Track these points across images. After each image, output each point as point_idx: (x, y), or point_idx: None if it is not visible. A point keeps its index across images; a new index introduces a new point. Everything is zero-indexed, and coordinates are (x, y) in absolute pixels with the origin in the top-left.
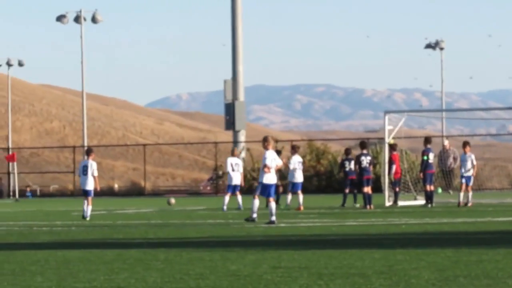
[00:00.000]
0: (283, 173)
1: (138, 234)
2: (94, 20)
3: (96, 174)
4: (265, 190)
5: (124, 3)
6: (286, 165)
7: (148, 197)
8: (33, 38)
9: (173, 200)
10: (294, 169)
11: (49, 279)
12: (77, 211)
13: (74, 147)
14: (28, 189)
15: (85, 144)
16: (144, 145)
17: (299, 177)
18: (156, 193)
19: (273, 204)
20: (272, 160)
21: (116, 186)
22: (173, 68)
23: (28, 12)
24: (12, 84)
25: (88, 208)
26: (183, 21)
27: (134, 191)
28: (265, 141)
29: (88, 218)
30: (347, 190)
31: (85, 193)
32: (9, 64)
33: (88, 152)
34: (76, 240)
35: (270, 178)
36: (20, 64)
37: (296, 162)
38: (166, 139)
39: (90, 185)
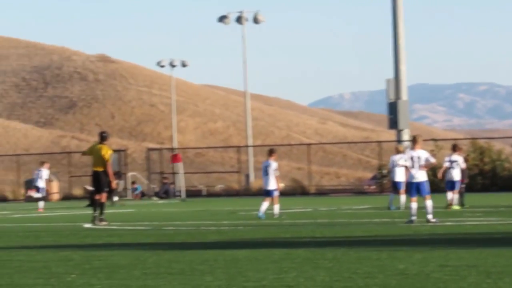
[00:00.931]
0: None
1: (305, 233)
2: (255, 20)
3: (276, 174)
4: (416, 188)
5: (285, 3)
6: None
7: (312, 197)
8: (196, 39)
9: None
10: (448, 168)
11: (218, 279)
12: (244, 210)
13: (238, 147)
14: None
15: (249, 144)
16: (308, 144)
17: (453, 176)
18: (321, 192)
19: (428, 202)
20: (413, 158)
21: (281, 185)
22: (336, 68)
23: (191, 14)
24: (176, 85)
25: (275, 206)
26: (345, 21)
27: (299, 191)
28: (412, 140)
29: (276, 216)
30: None
31: (267, 193)
32: (172, 65)
33: (270, 152)
34: (244, 239)
35: (418, 176)
36: (184, 65)
37: (450, 161)
38: (329, 139)
39: (271, 185)
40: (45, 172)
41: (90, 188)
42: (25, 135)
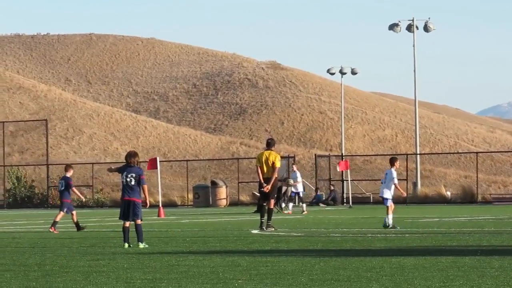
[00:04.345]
0: None
1: (472, 242)
2: (426, 29)
3: (394, 182)
4: None
5: (456, 12)
6: None
7: (479, 205)
8: (366, 47)
9: None
10: None
11: (384, 286)
12: (411, 218)
13: (406, 154)
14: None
15: (417, 151)
16: (477, 153)
17: None
18: (487, 201)
19: None
20: None
21: (448, 193)
22: (504, 76)
23: (361, 22)
24: (345, 92)
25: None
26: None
27: (466, 199)
28: None
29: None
30: None
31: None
32: (342, 73)
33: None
34: (410, 247)
35: None
36: (353, 72)
37: None
38: (497, 147)
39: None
40: None
41: (258, 194)
42: (195, 141)
